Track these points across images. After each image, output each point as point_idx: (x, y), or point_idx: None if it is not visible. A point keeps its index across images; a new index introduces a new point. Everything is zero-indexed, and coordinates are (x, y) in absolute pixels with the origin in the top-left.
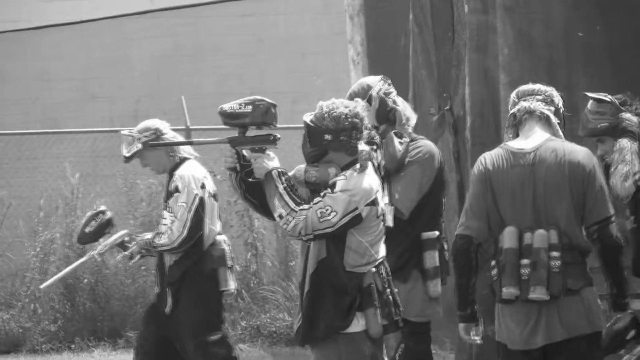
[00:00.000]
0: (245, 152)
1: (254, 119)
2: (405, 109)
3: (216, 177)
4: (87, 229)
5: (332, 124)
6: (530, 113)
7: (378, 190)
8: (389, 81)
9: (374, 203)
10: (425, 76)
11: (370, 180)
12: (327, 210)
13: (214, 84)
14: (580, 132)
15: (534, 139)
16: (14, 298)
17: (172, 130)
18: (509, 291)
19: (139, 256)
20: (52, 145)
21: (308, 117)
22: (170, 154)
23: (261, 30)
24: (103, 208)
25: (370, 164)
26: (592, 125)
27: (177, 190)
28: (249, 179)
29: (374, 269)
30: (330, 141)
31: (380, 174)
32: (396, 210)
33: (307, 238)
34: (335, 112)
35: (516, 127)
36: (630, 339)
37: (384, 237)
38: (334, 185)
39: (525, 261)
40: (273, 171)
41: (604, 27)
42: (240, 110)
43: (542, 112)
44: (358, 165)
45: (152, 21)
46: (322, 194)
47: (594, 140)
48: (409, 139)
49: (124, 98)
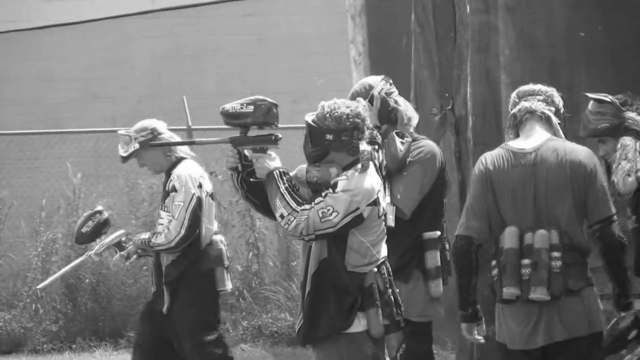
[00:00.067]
0: (246, 152)
1: (256, 118)
2: (407, 108)
3: (217, 177)
4: (84, 229)
5: (334, 124)
6: (531, 113)
7: (379, 190)
8: (391, 81)
9: (376, 203)
10: (427, 76)
11: (372, 180)
12: (329, 210)
13: (215, 84)
14: (581, 133)
15: (534, 139)
16: (15, 298)
17: (170, 130)
18: (509, 291)
19: (135, 256)
20: (54, 145)
21: (310, 117)
22: (167, 154)
23: (262, 30)
24: (100, 208)
25: (371, 164)
26: (593, 125)
27: (175, 189)
28: (251, 179)
29: (376, 269)
30: (331, 141)
31: (381, 173)
32: (397, 210)
33: (309, 238)
34: (336, 112)
35: (517, 128)
36: (632, 339)
37: (386, 237)
38: (335, 186)
39: (526, 261)
40: (274, 171)
41: (606, 28)
42: (241, 110)
43: (543, 112)
44: (359, 165)
45: (154, 21)
46: (324, 194)
47: (595, 141)
48: (410, 139)
49: (126, 98)
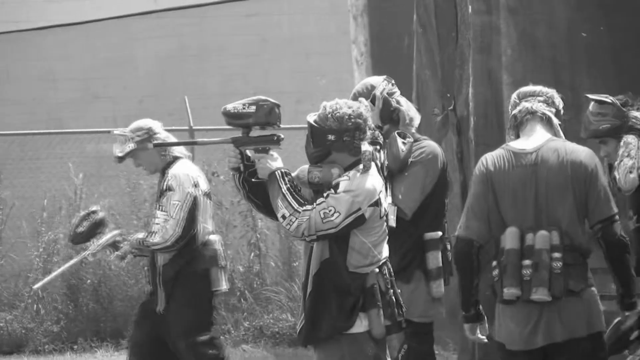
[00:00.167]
0: (248, 153)
1: (258, 119)
2: (409, 109)
3: (219, 178)
4: (80, 229)
5: (336, 124)
6: (532, 114)
7: (381, 191)
8: (393, 81)
9: (377, 204)
10: (429, 76)
11: (374, 180)
12: (330, 210)
13: (218, 84)
14: (582, 134)
15: (535, 139)
16: (17, 299)
17: (166, 130)
18: (510, 292)
19: (131, 256)
20: (56, 145)
21: (311, 118)
22: (162, 154)
23: (265, 30)
24: (95, 208)
25: (373, 164)
26: (594, 126)
27: (170, 188)
28: (253, 179)
29: (377, 270)
30: (333, 142)
31: (383, 174)
32: (399, 211)
33: (310, 239)
34: (338, 113)
35: (517, 128)
36: (634, 340)
37: (387, 238)
38: (337, 186)
39: (527, 262)
40: (276, 171)
41: (607, 28)
42: (244, 110)
43: (544, 113)
44: (361, 166)
45: (157, 21)
46: (325, 195)
47: (596, 141)
48: (412, 139)
49: (128, 98)
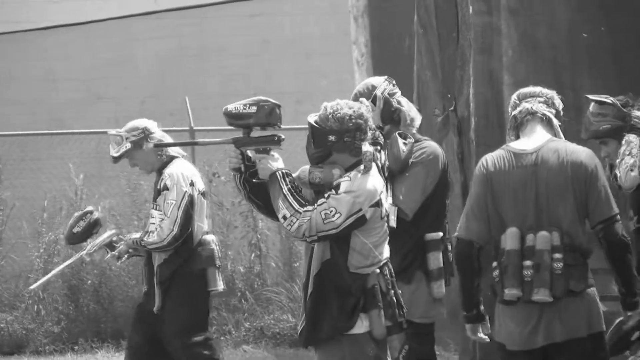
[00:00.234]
0: (249, 153)
1: (259, 119)
2: (409, 109)
3: (220, 178)
4: (76, 229)
5: (336, 125)
6: (532, 114)
7: (382, 192)
8: (394, 82)
9: (378, 204)
10: (430, 77)
11: (374, 181)
12: (331, 211)
13: (219, 84)
14: (583, 135)
15: (535, 140)
16: (17, 299)
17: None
18: (511, 292)
19: (127, 256)
20: (57, 146)
21: (312, 118)
22: (158, 154)
23: (266, 31)
24: (91, 208)
25: (374, 165)
26: (595, 127)
27: (166, 188)
28: (253, 180)
29: (378, 270)
30: (334, 142)
31: (384, 174)
32: (400, 211)
33: (311, 239)
34: (339, 113)
35: (517, 129)
36: (635, 340)
37: (388, 238)
38: (338, 187)
39: (527, 262)
40: (277, 172)
41: (608, 29)
42: (244, 110)
43: (544, 114)
44: (362, 167)
45: (157, 22)
46: (326, 195)
47: (597, 142)
48: (413, 140)
49: (129, 98)
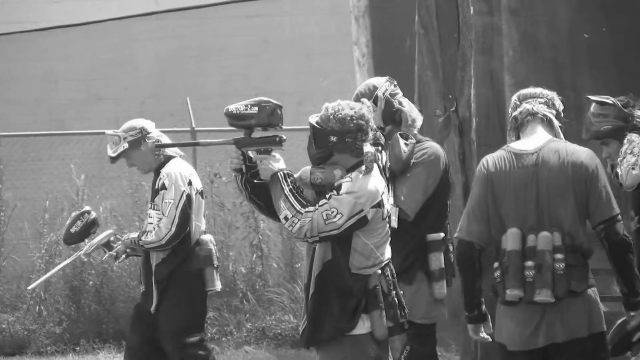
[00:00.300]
0: (250, 154)
1: (260, 120)
2: (411, 110)
3: (221, 179)
4: (73, 229)
5: (338, 125)
6: (532, 115)
7: (384, 192)
8: (395, 82)
9: (380, 205)
10: (431, 77)
11: (376, 182)
12: (333, 212)
13: (219, 85)
14: (584, 136)
15: (536, 140)
16: (19, 300)
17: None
18: (513, 293)
19: (124, 256)
20: (58, 146)
21: (313, 119)
22: (156, 153)
23: (267, 31)
24: (87, 208)
25: (375, 165)
26: (596, 128)
27: (164, 187)
28: (255, 181)
29: (380, 271)
30: (335, 143)
31: (385, 175)
32: (401, 212)
33: (313, 240)
34: (340, 114)
35: (518, 130)
36: (636, 341)
37: (390, 239)
38: (339, 187)
39: (529, 263)
40: (279, 173)
41: (609, 30)
42: (246, 111)
43: (545, 115)
44: (364, 167)
45: (158, 22)
46: (328, 196)
47: (598, 143)
48: (414, 141)
49: (129, 99)
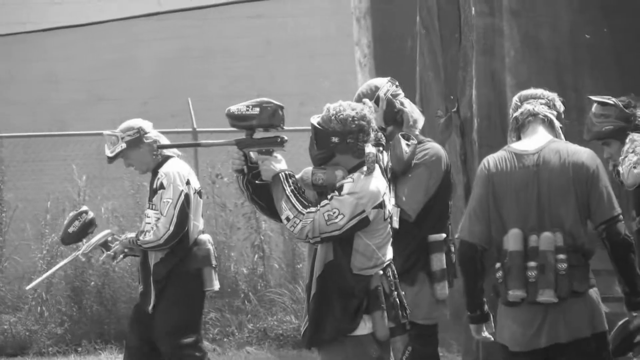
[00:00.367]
0: (252, 154)
1: (261, 121)
2: (412, 111)
3: (223, 180)
4: (71, 229)
5: (339, 126)
6: (533, 116)
7: (385, 193)
8: (397, 83)
9: (381, 206)
10: (432, 78)
11: (378, 182)
12: (335, 213)
13: (221, 86)
14: (585, 136)
15: (537, 141)
16: (20, 301)
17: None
18: (515, 294)
19: (122, 256)
20: (59, 147)
21: (315, 120)
22: (153, 153)
23: (269, 32)
24: (85, 208)
25: (377, 166)
26: (597, 128)
27: (163, 187)
28: (256, 181)
29: (381, 272)
30: (337, 144)
31: (386, 176)
32: (402, 212)
33: (314, 241)
34: (342, 115)
35: (518, 131)
36: (638, 342)
37: (391, 240)
38: (341, 188)
39: (531, 264)
40: (280, 173)
41: (610, 30)
42: (247, 112)
43: (546, 115)
44: (365, 168)
45: (160, 23)
46: (330, 197)
47: (599, 143)
48: (416, 141)
49: (132, 100)
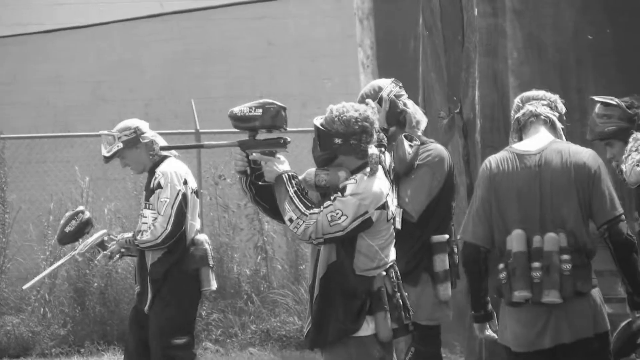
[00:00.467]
0: (255, 156)
1: (264, 122)
2: (415, 112)
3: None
4: (68, 229)
5: (342, 127)
6: (535, 117)
7: (388, 194)
8: (400, 84)
9: (384, 207)
10: (435, 79)
11: (381, 183)
12: (338, 214)
13: (224, 87)
14: (588, 136)
15: (539, 141)
16: (23, 302)
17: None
18: (521, 294)
19: (118, 255)
20: (63, 149)
21: (318, 121)
22: (150, 153)
23: (271, 33)
24: (81, 208)
25: (380, 167)
26: (600, 128)
27: (160, 186)
28: (259, 183)
29: (384, 273)
30: (340, 145)
31: (389, 176)
32: (405, 213)
33: (318, 242)
34: (345, 116)
35: (520, 132)
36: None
37: (394, 241)
38: (344, 189)
39: (536, 264)
40: (283, 174)
41: (612, 30)
42: (250, 113)
43: (548, 116)
44: (368, 169)
45: (163, 24)
46: (333, 198)
47: (602, 144)
48: (419, 142)
49: (135, 101)
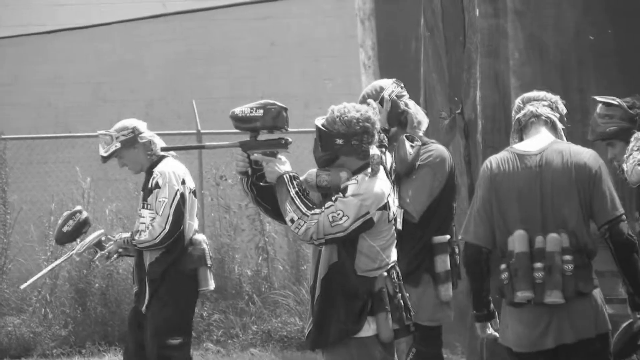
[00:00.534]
0: (256, 156)
1: (265, 122)
2: (417, 112)
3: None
4: (65, 229)
5: (344, 128)
6: (536, 117)
7: (389, 195)
8: (402, 84)
9: (386, 207)
10: (436, 80)
11: (382, 184)
12: (339, 214)
13: (226, 87)
14: (589, 137)
15: (540, 142)
16: (24, 303)
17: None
18: (524, 295)
19: (116, 255)
20: (64, 149)
21: (319, 121)
22: (148, 153)
23: (273, 34)
24: (79, 208)
25: (381, 167)
26: (601, 129)
27: (158, 186)
28: (261, 183)
29: (386, 273)
30: (341, 145)
31: (390, 177)
32: (406, 214)
33: (319, 242)
34: (346, 116)
35: (521, 132)
36: None
37: (396, 242)
38: (345, 190)
39: (538, 265)
40: (284, 175)
41: (614, 31)
42: (251, 114)
43: (548, 117)
44: (369, 170)
45: (165, 25)
46: (334, 199)
47: (603, 144)
48: (420, 143)
49: (136, 102)
